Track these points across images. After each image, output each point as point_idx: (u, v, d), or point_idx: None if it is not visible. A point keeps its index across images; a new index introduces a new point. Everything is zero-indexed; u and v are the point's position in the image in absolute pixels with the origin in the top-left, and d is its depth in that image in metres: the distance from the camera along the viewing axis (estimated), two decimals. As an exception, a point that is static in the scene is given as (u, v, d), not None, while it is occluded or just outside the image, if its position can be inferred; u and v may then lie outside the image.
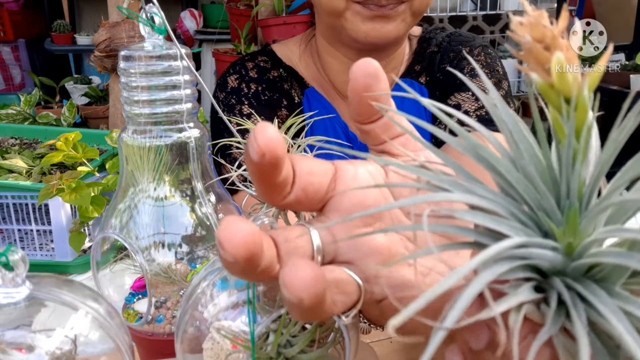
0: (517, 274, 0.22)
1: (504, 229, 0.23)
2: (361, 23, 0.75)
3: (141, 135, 0.48)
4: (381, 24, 0.75)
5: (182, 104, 0.48)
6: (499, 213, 0.23)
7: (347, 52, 0.83)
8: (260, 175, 0.26)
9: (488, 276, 0.20)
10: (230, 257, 0.23)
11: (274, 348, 0.35)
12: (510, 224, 0.23)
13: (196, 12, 2.76)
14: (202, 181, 0.51)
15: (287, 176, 0.27)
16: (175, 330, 0.40)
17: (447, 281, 0.19)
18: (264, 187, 0.26)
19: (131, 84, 0.47)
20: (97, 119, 2.55)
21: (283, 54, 0.92)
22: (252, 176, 0.26)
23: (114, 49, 1.49)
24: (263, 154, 0.24)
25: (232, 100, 0.87)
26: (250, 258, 0.23)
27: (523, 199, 0.24)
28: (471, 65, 0.87)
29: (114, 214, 0.50)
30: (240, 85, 0.88)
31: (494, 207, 0.23)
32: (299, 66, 0.91)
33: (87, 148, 0.92)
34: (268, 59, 0.91)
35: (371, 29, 0.75)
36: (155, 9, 0.45)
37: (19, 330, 0.32)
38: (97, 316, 0.34)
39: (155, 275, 0.50)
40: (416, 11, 0.77)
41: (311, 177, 0.28)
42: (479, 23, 2.41)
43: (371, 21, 0.75)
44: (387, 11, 0.74)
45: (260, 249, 0.24)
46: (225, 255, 0.23)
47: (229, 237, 0.23)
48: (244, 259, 0.23)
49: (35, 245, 0.99)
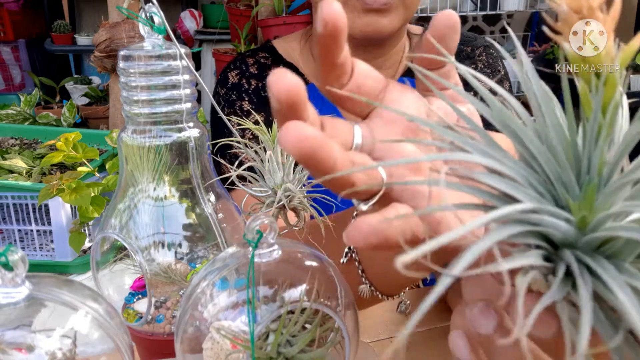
0: (528, 239, 0.23)
1: (519, 195, 0.23)
2: (357, 18, 0.77)
3: (141, 135, 0.48)
4: (376, 18, 0.77)
5: (182, 104, 0.48)
6: (517, 180, 0.23)
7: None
8: (324, 48, 0.28)
9: (498, 235, 0.21)
10: (275, 101, 0.25)
11: (274, 348, 0.35)
12: (526, 191, 0.23)
13: (196, 12, 2.76)
14: (202, 181, 0.51)
15: (346, 61, 0.30)
16: (175, 330, 0.40)
17: (457, 231, 0.20)
18: (326, 64, 0.29)
19: (131, 83, 0.47)
20: (97, 119, 2.55)
21: (284, 50, 0.93)
22: (318, 51, 0.29)
23: (114, 49, 1.49)
24: (326, 22, 0.27)
25: (232, 95, 0.88)
26: (292, 104, 0.25)
27: (543, 170, 0.24)
28: (473, 65, 0.87)
29: (114, 214, 0.50)
30: (241, 81, 0.89)
31: (512, 173, 0.23)
32: (299, 62, 0.92)
33: (87, 148, 0.92)
34: (269, 55, 0.92)
35: (366, 24, 0.77)
36: (155, 9, 0.45)
37: (19, 330, 0.32)
38: (97, 316, 0.34)
39: (155, 275, 0.50)
40: (409, 3, 0.78)
41: (366, 79, 0.32)
42: (479, 23, 2.41)
43: (366, 15, 0.76)
44: (381, 5, 0.75)
45: (303, 100, 0.26)
46: (272, 98, 0.25)
47: (277, 80, 0.25)
48: (286, 103, 0.25)
49: (35, 246, 0.99)
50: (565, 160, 0.23)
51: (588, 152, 0.23)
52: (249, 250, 0.38)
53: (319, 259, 0.41)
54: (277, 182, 0.48)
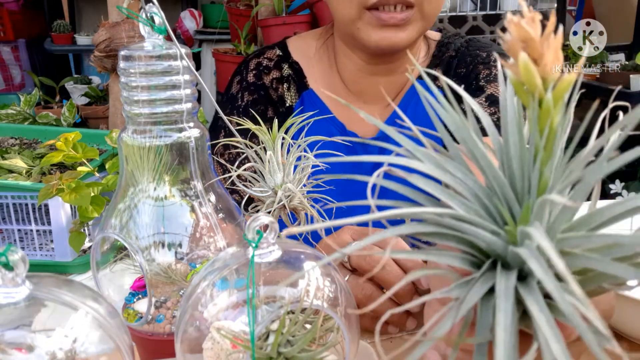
0: (450, 242, 0.25)
1: (451, 201, 0.25)
2: (373, 32, 0.76)
3: (141, 135, 0.48)
4: (393, 33, 0.76)
5: (182, 104, 0.48)
6: (460, 191, 0.25)
7: (360, 54, 0.85)
8: None
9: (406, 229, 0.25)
10: None
11: (274, 348, 0.35)
12: (463, 201, 0.25)
13: (196, 12, 2.76)
14: (202, 181, 0.51)
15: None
16: (175, 330, 0.40)
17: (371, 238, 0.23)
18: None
19: (131, 83, 0.47)
20: (97, 119, 2.54)
21: (296, 48, 0.93)
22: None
23: (113, 49, 1.49)
24: None
25: (228, 106, 0.92)
26: None
27: (493, 187, 0.26)
28: (487, 71, 0.88)
29: (114, 213, 0.50)
30: (237, 94, 0.91)
31: (457, 186, 0.26)
32: (311, 60, 0.92)
33: (87, 148, 0.92)
34: (274, 57, 0.92)
35: (382, 38, 0.76)
36: (155, 9, 0.45)
37: (19, 330, 0.32)
38: (97, 316, 0.34)
39: (155, 275, 0.50)
40: (427, 15, 0.77)
41: None
42: (479, 23, 2.41)
43: (382, 30, 0.76)
44: (398, 21, 0.74)
45: None
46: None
47: None
48: None
49: (35, 245, 0.99)
50: (504, 179, 0.25)
51: (528, 173, 0.25)
52: (249, 250, 0.38)
53: (319, 259, 0.41)
54: (277, 182, 0.48)
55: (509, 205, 0.25)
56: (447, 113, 0.27)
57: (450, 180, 0.26)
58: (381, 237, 0.24)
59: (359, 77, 0.87)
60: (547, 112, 0.23)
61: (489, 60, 0.90)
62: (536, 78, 0.23)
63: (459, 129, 0.27)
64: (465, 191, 0.26)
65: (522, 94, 0.24)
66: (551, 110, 0.23)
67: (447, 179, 0.26)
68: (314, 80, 0.91)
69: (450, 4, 2.20)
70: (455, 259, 0.25)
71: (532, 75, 0.23)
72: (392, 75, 0.88)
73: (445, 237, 0.25)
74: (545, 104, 0.23)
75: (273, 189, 0.48)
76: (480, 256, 0.26)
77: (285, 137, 0.49)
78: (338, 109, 0.90)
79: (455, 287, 0.24)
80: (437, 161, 0.26)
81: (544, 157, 0.24)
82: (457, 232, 0.25)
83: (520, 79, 0.24)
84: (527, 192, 0.25)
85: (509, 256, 0.24)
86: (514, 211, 0.25)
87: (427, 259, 0.25)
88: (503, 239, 0.25)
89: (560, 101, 0.24)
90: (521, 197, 0.25)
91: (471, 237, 0.25)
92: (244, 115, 0.88)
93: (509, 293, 0.22)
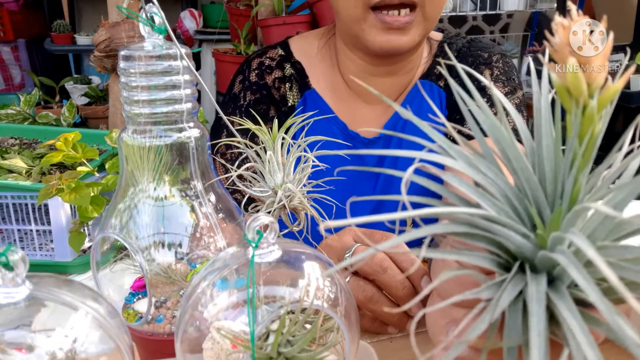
0: (481, 243, 0.25)
1: (483, 202, 0.25)
2: (377, 35, 0.77)
3: (141, 135, 0.48)
4: (396, 36, 0.77)
5: (182, 104, 0.48)
6: (491, 192, 0.25)
7: (363, 56, 0.85)
8: None
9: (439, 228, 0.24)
10: None
11: (274, 348, 0.35)
12: (493, 201, 0.25)
13: (196, 12, 2.76)
14: (202, 181, 0.51)
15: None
16: (175, 330, 0.40)
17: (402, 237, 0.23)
18: None
19: (131, 83, 0.47)
20: (97, 119, 2.54)
21: (299, 48, 0.93)
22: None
23: (113, 49, 1.49)
24: None
25: (230, 106, 0.91)
26: None
27: (524, 189, 0.26)
28: (489, 71, 0.88)
29: (114, 213, 0.50)
30: (240, 94, 0.91)
31: (489, 186, 0.25)
32: (313, 60, 0.92)
33: (86, 148, 0.92)
34: (277, 57, 0.92)
35: (386, 41, 0.77)
36: (155, 9, 0.45)
37: (19, 330, 0.32)
38: (97, 316, 0.34)
39: (155, 275, 0.50)
40: (429, 17, 0.77)
41: None
42: (479, 23, 2.41)
43: (387, 33, 0.76)
44: (402, 24, 0.75)
45: None
46: None
47: None
48: None
49: (35, 245, 0.99)
50: (538, 182, 0.25)
51: (562, 178, 0.25)
52: (249, 250, 0.38)
53: (319, 259, 0.41)
54: (277, 182, 0.48)
55: (539, 209, 0.25)
56: (484, 113, 0.27)
57: (482, 180, 0.25)
58: (413, 236, 0.23)
59: (361, 78, 0.87)
60: (590, 119, 0.23)
61: (490, 61, 0.90)
62: (583, 84, 0.22)
63: (492, 128, 0.27)
64: (496, 192, 0.25)
65: (566, 98, 0.23)
66: (594, 118, 0.23)
67: (479, 178, 0.25)
68: (316, 80, 0.91)
69: (450, 4, 2.20)
70: (485, 259, 0.25)
71: (579, 81, 0.22)
72: (393, 77, 0.88)
73: (476, 238, 0.25)
74: (589, 110, 0.23)
75: (273, 189, 0.48)
76: (507, 258, 0.25)
77: (285, 137, 0.49)
78: (340, 108, 0.90)
79: (485, 288, 0.24)
80: (469, 159, 0.26)
81: (581, 164, 0.24)
82: (488, 233, 0.24)
83: (565, 84, 0.23)
84: (559, 197, 0.25)
85: (538, 260, 0.24)
86: (543, 215, 0.25)
87: (459, 259, 0.24)
88: (532, 242, 0.24)
89: (603, 109, 0.23)
90: (551, 201, 0.25)
91: (501, 238, 0.24)
92: (246, 115, 0.88)
93: (541, 297, 0.22)
